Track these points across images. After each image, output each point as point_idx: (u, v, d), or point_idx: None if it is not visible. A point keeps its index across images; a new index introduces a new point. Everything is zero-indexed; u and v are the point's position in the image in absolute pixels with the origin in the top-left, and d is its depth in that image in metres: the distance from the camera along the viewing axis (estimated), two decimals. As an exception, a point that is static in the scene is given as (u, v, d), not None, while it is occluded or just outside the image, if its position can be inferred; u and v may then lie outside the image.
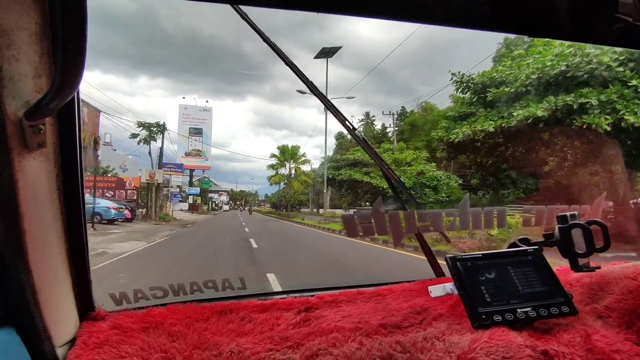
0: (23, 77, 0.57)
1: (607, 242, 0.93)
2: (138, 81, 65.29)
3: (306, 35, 70.98)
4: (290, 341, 0.76)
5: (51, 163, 0.67)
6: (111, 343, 0.72)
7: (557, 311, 0.80)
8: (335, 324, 0.85)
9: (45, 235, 0.67)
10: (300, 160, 41.63)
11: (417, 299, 0.99)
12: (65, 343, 0.72)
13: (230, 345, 0.73)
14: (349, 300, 1.00)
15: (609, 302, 0.86)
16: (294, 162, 41.50)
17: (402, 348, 0.72)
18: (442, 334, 0.77)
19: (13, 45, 0.55)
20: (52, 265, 0.70)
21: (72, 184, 0.72)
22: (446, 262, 0.91)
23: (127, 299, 0.95)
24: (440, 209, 1.07)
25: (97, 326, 0.78)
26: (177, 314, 0.87)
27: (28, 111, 0.57)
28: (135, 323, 0.80)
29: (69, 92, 0.53)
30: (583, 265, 0.95)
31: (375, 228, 1.02)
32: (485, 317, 0.79)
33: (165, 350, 0.70)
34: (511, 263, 0.90)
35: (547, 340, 0.74)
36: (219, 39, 66.65)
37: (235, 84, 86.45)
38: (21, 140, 0.58)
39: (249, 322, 0.86)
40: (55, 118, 0.66)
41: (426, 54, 60.34)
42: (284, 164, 41.52)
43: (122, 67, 65.27)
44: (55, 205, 0.69)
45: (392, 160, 23.03)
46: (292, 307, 0.94)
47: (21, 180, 0.59)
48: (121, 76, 57.38)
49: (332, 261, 8.63)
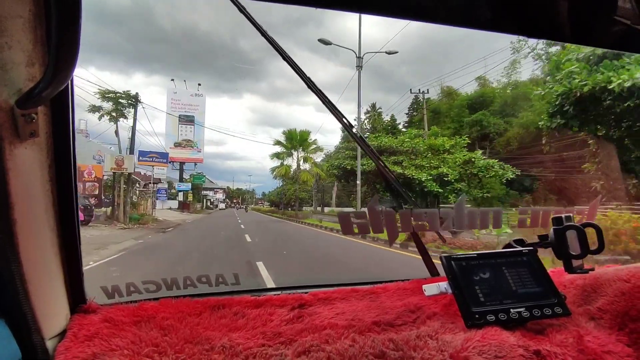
0: (16, 65, 0.56)
1: (601, 245, 0.94)
2: (133, 78, 64.54)
3: (303, 33, 70.73)
4: (283, 337, 0.76)
5: (44, 153, 0.66)
6: (102, 336, 0.71)
7: (551, 312, 0.81)
8: (328, 320, 0.85)
9: (37, 226, 0.67)
10: (311, 148, 32.72)
11: (411, 298, 0.99)
12: (56, 335, 0.71)
13: (223, 340, 0.73)
14: (343, 297, 1.00)
15: (601, 304, 0.86)
16: (303, 150, 32.43)
17: (395, 346, 0.72)
18: (436, 332, 0.77)
19: (6, 33, 0.54)
20: (43, 256, 0.69)
21: (64, 174, 0.71)
22: (441, 261, 0.91)
23: (119, 292, 0.95)
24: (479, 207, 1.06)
25: (88, 319, 0.77)
26: (169, 308, 0.86)
27: (20, 99, 0.56)
28: (127, 316, 0.80)
29: (63, 80, 0.53)
30: (577, 267, 0.96)
31: (371, 226, 1.02)
32: (478, 316, 0.79)
33: (157, 344, 0.70)
34: (506, 263, 0.90)
35: (540, 341, 0.74)
36: (216, 35, 66.19)
37: (232, 81, 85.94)
38: (13, 129, 0.58)
39: (242, 317, 0.86)
40: (48, 107, 0.65)
41: (424, 51, 60.15)
42: (291, 153, 32.64)
43: (117, 64, 64.77)
44: (47, 195, 0.68)
45: (427, 147, 19.94)
46: (285, 303, 0.94)
47: (12, 170, 0.58)
48: (116, 73, 56.69)
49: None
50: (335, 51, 70.60)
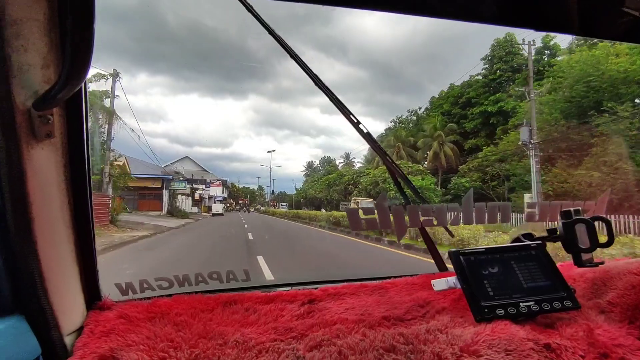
0: (32, 68, 0.58)
1: (610, 238, 0.93)
2: (137, 78, 64.50)
3: (310, 30, 70.18)
4: (295, 332, 0.77)
5: (59, 153, 0.67)
6: (118, 332, 0.73)
7: (560, 305, 0.81)
8: (338, 315, 0.86)
9: (53, 224, 0.68)
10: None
11: (420, 293, 0.99)
12: (73, 331, 0.73)
13: (235, 335, 0.74)
14: (352, 293, 1.01)
15: (611, 297, 0.86)
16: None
17: (404, 340, 0.72)
18: (445, 326, 0.78)
19: (22, 36, 0.55)
20: (60, 253, 0.71)
21: (79, 174, 0.72)
22: (449, 256, 0.91)
23: (133, 289, 0.97)
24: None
25: (103, 315, 0.79)
26: (182, 304, 0.88)
27: (36, 101, 0.58)
28: (141, 313, 0.82)
29: (77, 82, 0.54)
30: (586, 260, 0.95)
31: (379, 222, 1.02)
32: (488, 310, 0.79)
33: (171, 339, 0.71)
34: (514, 258, 0.90)
35: (550, 334, 0.74)
36: (222, 34, 65.80)
37: (237, 81, 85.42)
38: (30, 130, 0.59)
39: (253, 313, 0.87)
40: (63, 108, 0.67)
41: (434, 49, 58.90)
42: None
43: (121, 63, 64.51)
44: (63, 194, 0.70)
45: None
46: (296, 299, 0.95)
47: (29, 170, 0.59)
48: (121, 72, 56.75)
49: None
50: (343, 50, 70.02)
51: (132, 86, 59.79)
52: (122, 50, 53.77)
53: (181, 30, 55.77)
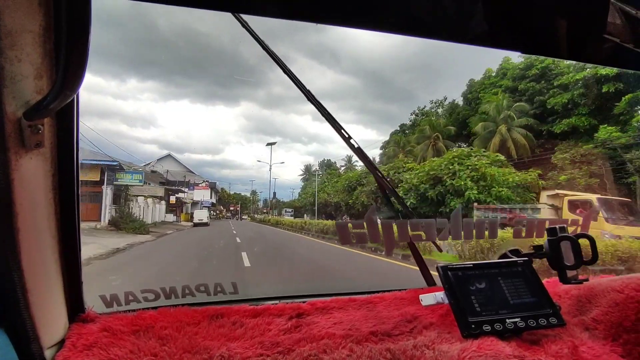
0: (24, 78, 0.58)
1: (595, 255, 0.95)
2: (128, 83, 63.81)
3: (303, 38, 70.66)
4: (281, 347, 0.76)
5: (48, 163, 0.67)
6: (100, 345, 0.71)
7: (546, 322, 0.82)
8: (326, 330, 0.85)
9: (39, 234, 0.67)
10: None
11: (408, 307, 0.99)
12: (54, 344, 0.71)
13: (221, 349, 0.73)
14: (340, 307, 1.01)
15: (596, 314, 0.87)
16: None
17: (392, 356, 0.72)
18: (432, 342, 0.78)
19: (16, 46, 0.56)
20: (44, 265, 0.70)
21: (68, 184, 0.72)
22: (437, 271, 0.92)
23: (117, 301, 0.95)
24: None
25: (86, 328, 0.77)
26: (167, 317, 0.86)
27: (28, 111, 0.58)
28: (125, 326, 0.80)
29: (70, 93, 0.54)
30: (571, 277, 0.97)
31: (369, 236, 1.03)
32: (474, 326, 0.80)
33: (155, 353, 0.70)
34: (501, 274, 0.91)
35: (535, 351, 0.75)
36: (214, 40, 65.76)
37: (229, 87, 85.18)
38: (19, 140, 0.59)
39: (240, 326, 0.86)
40: (54, 119, 0.67)
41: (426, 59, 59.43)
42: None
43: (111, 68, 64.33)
44: (50, 205, 0.69)
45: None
46: (283, 312, 0.95)
47: (17, 179, 0.59)
48: (109, 78, 55.67)
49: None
50: (335, 58, 70.60)
51: (122, 91, 59.08)
52: (112, 55, 53.49)
53: (172, 35, 55.84)
